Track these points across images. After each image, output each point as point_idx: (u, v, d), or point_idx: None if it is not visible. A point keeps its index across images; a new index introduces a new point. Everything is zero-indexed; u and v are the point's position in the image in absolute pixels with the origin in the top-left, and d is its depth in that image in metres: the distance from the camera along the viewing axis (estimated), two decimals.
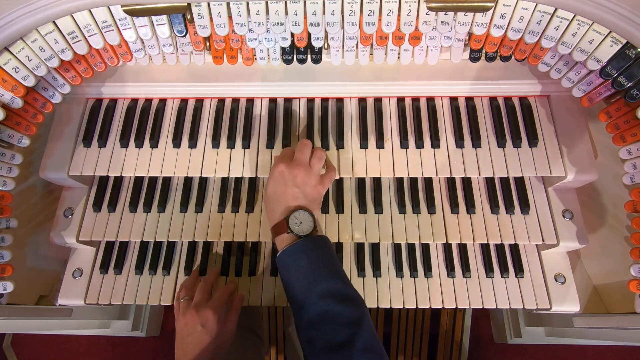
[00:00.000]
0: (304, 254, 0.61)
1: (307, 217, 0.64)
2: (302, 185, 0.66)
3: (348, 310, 0.57)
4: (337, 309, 0.56)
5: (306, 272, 0.60)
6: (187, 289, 0.76)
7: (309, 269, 0.60)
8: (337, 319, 0.56)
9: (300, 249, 0.62)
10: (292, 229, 0.63)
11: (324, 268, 0.60)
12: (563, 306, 0.76)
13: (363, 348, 0.54)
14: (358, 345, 0.53)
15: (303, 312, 0.58)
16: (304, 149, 0.69)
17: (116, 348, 1.48)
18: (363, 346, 0.54)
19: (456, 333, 1.36)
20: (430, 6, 0.56)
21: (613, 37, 0.55)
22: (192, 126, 0.78)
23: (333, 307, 0.57)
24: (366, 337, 0.55)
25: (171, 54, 0.77)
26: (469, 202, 0.78)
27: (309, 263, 0.61)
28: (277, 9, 0.58)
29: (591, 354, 1.40)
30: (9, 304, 0.74)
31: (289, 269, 0.62)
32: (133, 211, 0.80)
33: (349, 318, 0.56)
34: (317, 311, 0.57)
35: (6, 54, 0.58)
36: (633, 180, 0.62)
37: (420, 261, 0.82)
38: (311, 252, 0.61)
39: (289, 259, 0.62)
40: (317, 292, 0.58)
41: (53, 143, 0.77)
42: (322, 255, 0.62)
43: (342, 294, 0.58)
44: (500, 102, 0.79)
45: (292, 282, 0.61)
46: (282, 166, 0.66)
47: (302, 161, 0.68)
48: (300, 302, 0.59)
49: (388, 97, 0.80)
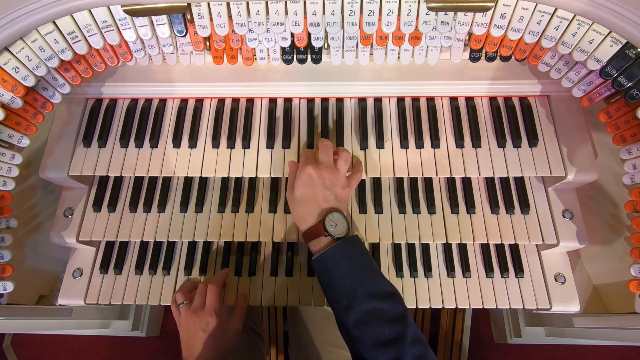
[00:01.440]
0: (343, 256, 0.62)
1: (341, 219, 0.64)
2: (332, 187, 0.66)
3: (393, 306, 0.59)
4: (383, 306, 0.58)
5: (348, 274, 0.61)
6: (185, 293, 0.77)
7: (350, 271, 0.61)
8: (384, 316, 0.58)
9: (340, 252, 0.62)
10: (329, 231, 0.63)
11: (364, 268, 0.62)
12: (563, 306, 0.76)
13: (412, 341, 0.56)
14: (408, 338, 0.56)
15: (349, 312, 0.59)
16: (327, 150, 0.69)
17: (116, 348, 1.49)
18: (412, 339, 0.56)
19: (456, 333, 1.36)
20: (430, 6, 0.56)
21: (613, 37, 0.55)
22: (192, 126, 0.78)
23: (379, 305, 0.58)
24: (413, 330, 0.58)
25: (171, 54, 0.77)
26: (469, 202, 0.78)
27: (350, 265, 0.61)
28: (277, 9, 0.58)
29: (591, 354, 1.40)
30: (9, 304, 0.74)
31: (330, 272, 0.62)
32: (133, 211, 0.80)
33: (395, 314, 0.58)
34: (364, 310, 0.58)
35: (6, 54, 0.58)
36: (633, 180, 0.62)
37: (420, 261, 0.82)
38: (350, 254, 0.62)
39: (329, 261, 0.62)
40: (361, 292, 0.59)
41: (53, 143, 0.77)
42: (360, 255, 0.63)
43: (385, 291, 0.60)
44: (500, 102, 0.79)
45: (334, 284, 0.62)
46: (309, 169, 0.66)
47: (329, 163, 0.68)
48: (345, 303, 0.60)
49: (388, 97, 0.80)
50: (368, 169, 0.75)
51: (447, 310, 1.37)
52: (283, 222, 0.78)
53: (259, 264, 0.83)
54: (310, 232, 0.65)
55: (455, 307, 0.78)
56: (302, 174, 0.66)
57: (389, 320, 0.57)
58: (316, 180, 0.65)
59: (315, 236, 0.64)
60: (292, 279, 0.81)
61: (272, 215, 0.79)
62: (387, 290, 0.60)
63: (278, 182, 0.81)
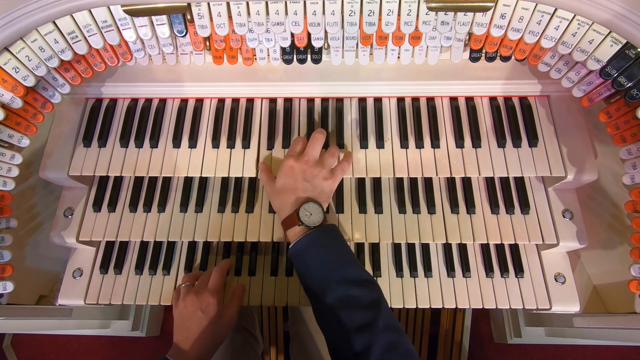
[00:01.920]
0: (316, 244, 0.63)
1: (316, 209, 0.65)
2: (312, 179, 0.67)
3: (366, 293, 0.59)
4: (356, 293, 0.59)
5: (321, 262, 0.62)
6: (190, 277, 0.78)
7: (323, 258, 0.62)
8: (356, 302, 0.58)
9: (313, 240, 0.63)
10: (302, 220, 0.64)
11: (337, 256, 0.62)
12: (563, 306, 0.76)
13: (384, 327, 0.56)
14: (380, 324, 0.56)
15: (322, 299, 0.60)
16: (316, 144, 0.70)
17: (116, 348, 1.49)
18: (384, 325, 0.56)
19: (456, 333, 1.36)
20: (430, 6, 0.56)
21: (613, 37, 0.55)
22: (192, 126, 0.78)
23: (351, 291, 0.59)
24: (386, 317, 0.58)
25: (171, 54, 0.77)
26: (469, 202, 0.78)
27: (323, 252, 0.63)
28: (277, 9, 0.58)
29: (591, 354, 1.40)
30: (9, 304, 0.74)
31: (304, 259, 0.63)
32: (133, 211, 0.80)
33: (368, 300, 0.59)
34: (336, 297, 0.59)
35: (6, 54, 0.58)
36: (633, 180, 0.62)
37: (420, 261, 0.82)
38: (323, 242, 0.63)
39: (303, 250, 0.64)
40: (334, 279, 0.60)
41: (53, 143, 0.77)
42: (334, 243, 0.64)
43: (359, 279, 0.60)
44: (500, 102, 0.79)
45: (308, 272, 0.63)
46: (291, 161, 0.68)
47: (313, 155, 0.69)
48: (318, 290, 0.61)
49: (388, 97, 0.80)
50: (368, 169, 0.75)
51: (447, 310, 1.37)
52: None
53: (259, 264, 0.83)
54: (286, 221, 0.67)
55: (455, 307, 0.78)
56: (284, 165, 0.68)
57: (362, 306, 0.58)
58: (297, 172, 0.67)
59: (291, 225, 0.66)
60: (292, 279, 0.81)
61: (272, 215, 0.79)
62: (360, 277, 0.61)
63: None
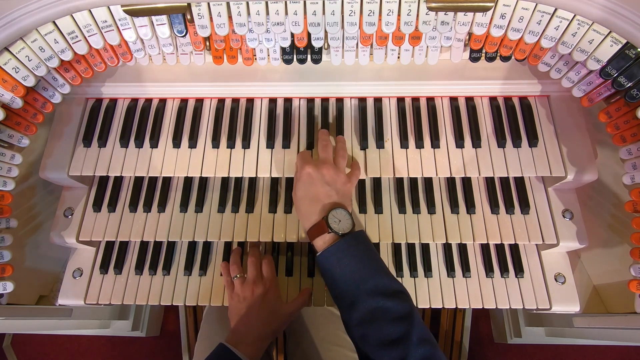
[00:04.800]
0: (347, 253, 0.61)
1: (345, 215, 0.63)
2: (333, 183, 0.66)
3: (398, 305, 0.57)
4: (388, 305, 0.57)
5: (352, 271, 0.60)
6: (238, 266, 0.78)
7: (354, 268, 0.60)
8: (388, 315, 0.56)
9: (344, 248, 0.61)
10: (332, 227, 0.62)
11: (368, 265, 0.61)
12: (563, 306, 0.76)
13: (418, 340, 0.54)
14: (413, 338, 0.54)
15: (353, 310, 0.58)
16: (327, 148, 0.70)
17: (116, 348, 1.49)
18: (418, 339, 0.54)
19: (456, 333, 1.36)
20: (430, 6, 0.56)
21: (613, 37, 0.55)
22: (192, 126, 0.78)
23: (383, 303, 0.57)
24: (419, 329, 0.56)
25: (171, 54, 0.77)
26: (469, 202, 0.78)
27: (354, 261, 0.60)
28: (277, 9, 0.58)
29: (591, 353, 1.40)
30: (9, 304, 0.74)
31: (334, 268, 0.61)
32: (133, 211, 0.80)
33: (401, 313, 0.57)
34: (368, 308, 0.57)
35: (6, 54, 0.58)
36: (633, 180, 0.62)
37: (420, 261, 0.82)
38: (354, 250, 0.61)
39: (333, 258, 0.61)
40: (365, 290, 0.58)
41: (53, 143, 0.77)
42: (364, 251, 0.62)
43: (390, 289, 0.59)
44: (500, 102, 0.79)
45: (338, 281, 0.61)
46: (308, 167, 0.66)
47: (328, 160, 0.68)
48: (349, 301, 0.59)
49: (388, 97, 0.80)
50: (368, 169, 0.75)
51: (447, 310, 1.37)
52: (283, 222, 0.78)
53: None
54: (315, 229, 0.64)
55: (455, 307, 0.78)
56: (301, 174, 0.67)
57: (394, 319, 0.56)
58: (315, 178, 0.66)
59: (320, 233, 0.63)
60: (292, 279, 0.81)
61: (272, 215, 0.79)
62: (392, 287, 0.59)
63: (278, 182, 0.81)
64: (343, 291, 0.60)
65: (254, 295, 0.73)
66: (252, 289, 0.74)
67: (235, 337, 0.70)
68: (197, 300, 0.80)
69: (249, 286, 0.74)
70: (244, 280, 0.76)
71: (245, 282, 0.75)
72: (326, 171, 0.66)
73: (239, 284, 0.76)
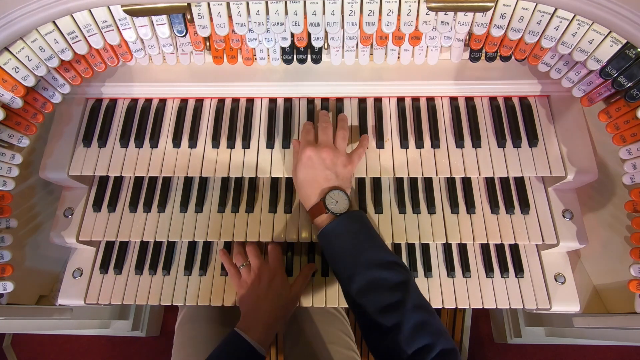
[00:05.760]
0: (343, 230, 0.65)
1: (342, 196, 0.66)
2: (333, 167, 0.68)
3: (394, 274, 0.60)
4: (384, 275, 0.60)
5: (348, 246, 0.63)
6: (242, 256, 0.79)
7: (351, 243, 0.63)
8: (385, 284, 0.59)
9: (340, 225, 0.65)
10: (329, 208, 0.65)
11: (365, 240, 0.64)
12: (563, 306, 0.76)
13: (413, 307, 0.57)
14: (408, 305, 0.57)
15: (352, 282, 0.61)
16: (327, 131, 0.71)
17: (116, 348, 1.49)
18: (413, 305, 0.57)
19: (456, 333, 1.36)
20: (430, 6, 0.56)
21: (613, 37, 0.55)
22: (192, 126, 0.78)
23: (379, 273, 0.60)
24: (415, 296, 0.59)
25: (171, 54, 0.76)
26: (469, 202, 0.78)
27: (350, 237, 0.64)
28: (277, 9, 0.58)
29: (591, 353, 1.40)
30: (9, 304, 0.74)
31: (332, 245, 0.65)
32: (133, 211, 0.80)
33: (397, 281, 0.60)
34: (366, 279, 0.60)
35: (6, 54, 0.58)
36: (633, 180, 0.62)
37: (420, 261, 0.82)
38: (350, 227, 0.65)
39: (330, 235, 0.65)
40: (362, 263, 0.61)
41: (53, 143, 0.77)
42: (360, 227, 0.65)
43: (386, 261, 0.61)
44: (500, 102, 0.79)
45: (336, 256, 0.64)
46: (309, 151, 0.68)
47: (328, 142, 0.70)
48: (347, 274, 0.62)
49: (388, 97, 0.80)
50: (368, 169, 0.75)
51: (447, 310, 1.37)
52: (283, 222, 0.78)
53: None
54: (314, 210, 0.68)
55: (455, 307, 0.78)
56: (302, 156, 0.68)
57: (390, 287, 0.59)
58: (316, 162, 0.67)
59: (319, 213, 0.67)
60: (292, 278, 0.81)
61: (272, 215, 0.79)
62: (388, 259, 0.62)
63: (278, 182, 0.81)
64: (341, 266, 0.63)
65: (261, 282, 0.75)
66: (259, 276, 0.75)
67: (245, 323, 0.72)
68: (197, 300, 0.80)
69: (256, 274, 0.76)
70: (249, 269, 0.77)
71: (252, 270, 0.77)
72: (326, 155, 0.68)
73: (246, 273, 0.77)
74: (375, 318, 0.58)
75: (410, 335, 0.54)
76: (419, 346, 0.54)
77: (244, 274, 0.78)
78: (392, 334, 0.55)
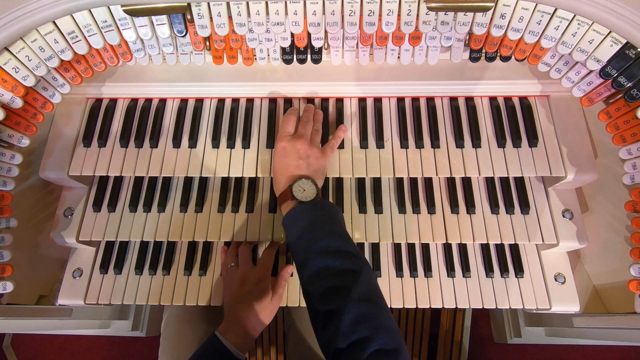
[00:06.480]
0: (303, 215, 0.65)
1: (310, 185, 0.67)
2: (306, 158, 0.69)
3: (345, 263, 0.59)
4: (335, 264, 0.59)
5: (305, 232, 0.63)
6: (233, 256, 0.80)
7: (308, 229, 0.63)
8: (334, 271, 0.59)
9: (300, 211, 0.65)
10: (295, 195, 0.66)
11: (322, 228, 0.63)
12: (563, 306, 0.76)
13: (359, 298, 0.55)
14: (353, 295, 0.55)
15: (304, 269, 0.61)
16: (307, 126, 0.72)
17: (116, 348, 1.48)
18: (359, 296, 0.55)
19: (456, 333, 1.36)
20: (430, 6, 0.56)
21: (613, 37, 0.55)
22: (192, 126, 0.78)
23: (331, 262, 0.59)
24: (363, 288, 0.56)
25: (171, 54, 0.76)
26: (469, 202, 0.78)
27: (308, 224, 0.64)
28: (277, 9, 0.58)
29: (591, 354, 1.40)
30: (9, 304, 0.74)
31: (291, 230, 0.65)
32: (133, 211, 0.80)
33: (345, 269, 0.58)
34: (316, 267, 0.60)
35: (6, 54, 0.58)
36: (633, 180, 0.62)
37: (420, 261, 0.82)
38: (310, 214, 0.65)
39: (291, 221, 0.65)
40: (316, 250, 0.61)
41: (53, 143, 0.77)
42: (322, 216, 0.65)
43: (341, 251, 0.61)
44: (500, 102, 0.79)
45: (295, 243, 0.64)
46: (284, 142, 0.70)
47: (304, 135, 0.71)
48: (301, 261, 0.62)
49: (388, 97, 0.80)
50: (368, 169, 0.75)
51: (447, 310, 1.37)
52: None
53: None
54: (281, 197, 0.69)
55: (455, 307, 0.78)
56: (277, 146, 0.71)
57: (338, 273, 0.58)
58: (290, 152, 0.69)
59: (285, 200, 0.68)
60: (291, 278, 0.81)
61: (272, 215, 0.79)
62: (344, 250, 0.61)
63: None
64: (297, 251, 0.64)
65: (244, 286, 0.75)
66: (244, 281, 0.75)
67: (225, 326, 0.72)
68: (197, 300, 0.80)
69: (241, 277, 0.76)
70: (237, 269, 0.78)
71: (239, 272, 0.77)
72: (300, 146, 0.69)
73: (232, 273, 0.78)
74: (318, 305, 0.57)
75: (349, 327, 0.52)
76: (355, 339, 0.52)
77: (230, 274, 0.78)
78: (332, 323, 0.54)
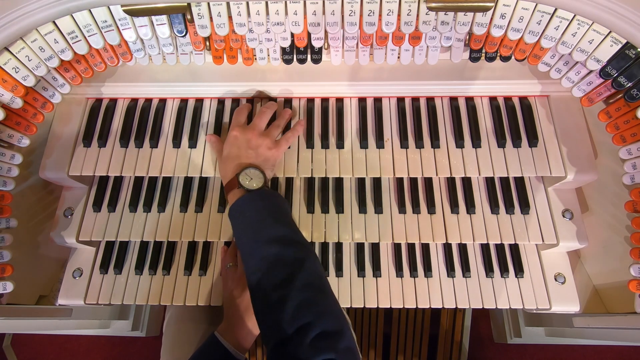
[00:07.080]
0: (250, 206, 0.64)
1: (257, 174, 0.67)
2: (256, 147, 0.69)
3: (291, 252, 0.59)
4: (281, 253, 0.59)
5: (252, 222, 0.63)
6: (232, 256, 0.80)
7: (255, 219, 0.63)
8: (280, 261, 0.59)
9: (247, 201, 0.64)
10: (242, 184, 0.66)
11: (269, 217, 0.63)
12: (563, 306, 0.76)
13: (302, 285, 0.56)
14: (297, 283, 0.56)
15: (250, 259, 0.61)
16: (263, 117, 0.73)
17: (116, 348, 1.48)
18: (303, 284, 0.56)
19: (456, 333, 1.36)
20: (430, 6, 0.56)
21: (613, 37, 0.55)
22: (192, 126, 0.78)
23: (277, 250, 0.59)
24: (308, 275, 0.57)
25: (171, 54, 0.76)
26: (469, 202, 0.78)
27: (255, 213, 0.64)
28: (277, 9, 0.58)
29: (591, 354, 1.40)
30: (9, 304, 0.74)
31: (238, 221, 0.65)
32: (133, 211, 0.80)
33: (291, 258, 0.59)
34: (262, 256, 0.59)
35: (6, 54, 0.58)
36: (633, 180, 0.62)
37: (420, 261, 0.82)
38: (257, 203, 0.64)
39: (237, 211, 0.65)
40: (263, 239, 0.60)
41: (53, 143, 0.77)
42: (269, 205, 0.65)
43: (287, 239, 0.61)
44: (500, 102, 0.79)
45: (241, 233, 0.64)
46: (235, 131, 0.70)
47: (258, 126, 0.71)
48: (248, 251, 0.62)
49: (388, 97, 0.80)
50: (368, 169, 0.75)
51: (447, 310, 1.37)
52: None
53: None
54: (228, 186, 0.68)
55: (455, 307, 0.78)
56: (229, 135, 0.71)
57: (284, 263, 0.58)
58: (241, 141, 0.69)
59: (232, 188, 0.67)
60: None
61: None
62: (291, 238, 0.61)
63: (277, 182, 0.81)
64: (244, 242, 0.63)
65: (239, 286, 0.75)
66: (239, 282, 0.75)
67: (225, 326, 0.72)
68: (197, 300, 0.80)
69: (238, 278, 0.76)
70: (235, 270, 0.77)
71: (236, 274, 0.76)
72: (252, 136, 0.69)
73: (231, 274, 0.77)
74: (263, 295, 0.57)
75: (293, 313, 0.53)
76: (299, 324, 0.52)
77: (229, 273, 0.78)
78: (277, 310, 0.54)
